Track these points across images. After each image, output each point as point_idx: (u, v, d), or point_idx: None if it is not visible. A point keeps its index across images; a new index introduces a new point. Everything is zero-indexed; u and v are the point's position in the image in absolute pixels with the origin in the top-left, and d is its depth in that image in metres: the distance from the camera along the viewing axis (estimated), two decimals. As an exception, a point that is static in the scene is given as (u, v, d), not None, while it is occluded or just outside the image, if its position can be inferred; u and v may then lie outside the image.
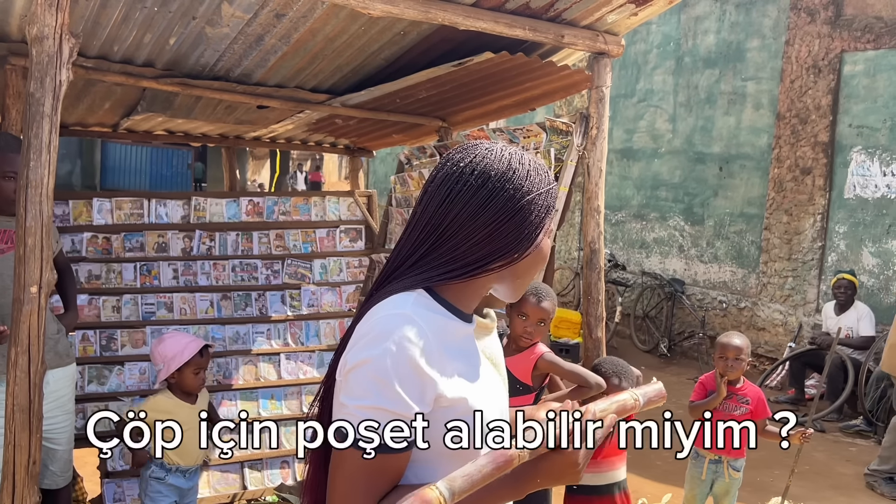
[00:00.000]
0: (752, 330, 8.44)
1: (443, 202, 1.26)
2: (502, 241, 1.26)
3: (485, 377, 1.32)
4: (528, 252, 1.29)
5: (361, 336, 1.19)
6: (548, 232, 1.33)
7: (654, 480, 4.96)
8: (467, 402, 1.23)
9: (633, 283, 9.82)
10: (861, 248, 7.51)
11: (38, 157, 2.32)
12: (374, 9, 2.84)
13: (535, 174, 1.30)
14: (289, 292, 4.73)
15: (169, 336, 3.48)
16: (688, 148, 9.35)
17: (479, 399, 1.26)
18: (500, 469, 1.11)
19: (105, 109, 4.67)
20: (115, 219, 4.45)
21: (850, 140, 7.62)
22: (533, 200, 1.28)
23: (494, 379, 1.37)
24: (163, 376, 3.34)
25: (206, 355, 3.42)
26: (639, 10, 3.37)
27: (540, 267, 1.35)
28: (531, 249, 1.29)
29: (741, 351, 3.75)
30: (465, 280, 1.27)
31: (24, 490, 2.37)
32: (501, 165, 1.28)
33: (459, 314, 1.29)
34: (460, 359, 1.26)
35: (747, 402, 3.76)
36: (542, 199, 1.30)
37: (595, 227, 3.70)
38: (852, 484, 5.36)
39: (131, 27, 3.34)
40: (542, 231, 1.30)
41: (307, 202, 5.08)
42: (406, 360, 1.14)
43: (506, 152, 1.30)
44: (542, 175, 1.31)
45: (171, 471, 3.32)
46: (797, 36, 8.05)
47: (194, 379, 3.35)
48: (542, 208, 1.29)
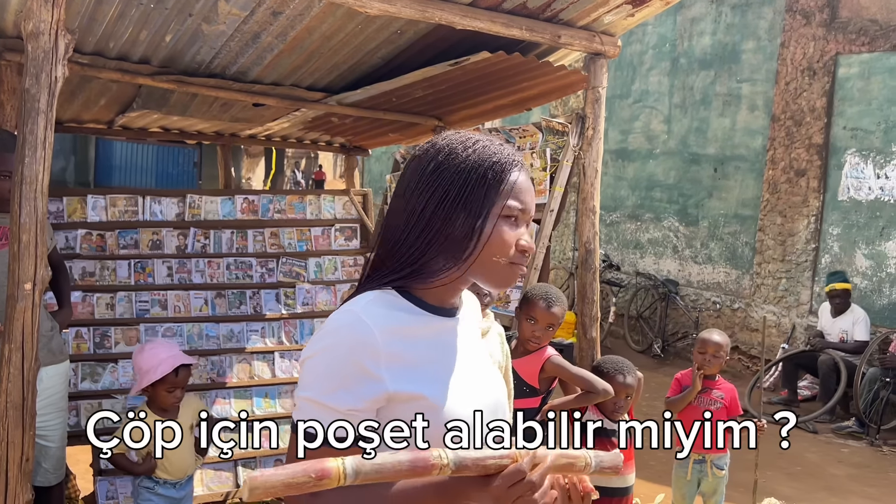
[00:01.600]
0: (745, 331, 8.46)
1: (392, 202, 1.33)
2: (443, 237, 1.26)
3: (462, 373, 1.30)
4: (475, 243, 1.25)
5: (315, 333, 1.26)
6: (502, 218, 1.26)
7: (648, 481, 4.97)
8: (427, 399, 1.22)
9: (627, 283, 9.84)
10: (854, 251, 7.54)
11: (33, 153, 2.31)
12: (371, 7, 2.84)
13: (466, 162, 1.26)
14: (283, 291, 4.72)
15: (150, 346, 3.32)
16: (683, 149, 9.38)
17: (446, 395, 1.24)
18: (416, 472, 1.06)
19: (100, 106, 4.66)
20: (110, 216, 4.44)
21: (845, 142, 7.64)
22: (455, 169, 1.26)
23: (478, 375, 1.34)
24: (134, 390, 3.22)
25: (184, 374, 3.23)
26: (635, 11, 3.38)
27: (504, 254, 1.26)
28: (476, 243, 1.25)
29: (720, 348, 3.82)
30: (429, 282, 1.29)
31: (18, 487, 2.36)
32: (439, 145, 1.30)
33: (433, 309, 1.30)
34: (426, 355, 1.26)
35: (722, 398, 3.81)
36: (462, 176, 1.26)
37: (590, 228, 3.71)
38: (844, 485, 5.38)
39: (127, 24, 3.33)
40: (485, 219, 1.25)
41: (302, 200, 5.07)
42: (341, 357, 1.18)
43: (442, 142, 1.30)
44: (471, 162, 1.26)
45: (160, 483, 3.24)
46: (792, 38, 8.08)
47: (167, 397, 3.19)
48: (466, 185, 1.25)
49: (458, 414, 1.24)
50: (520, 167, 1.30)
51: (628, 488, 3.36)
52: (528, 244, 1.29)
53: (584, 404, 3.32)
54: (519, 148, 4.62)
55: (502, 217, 1.27)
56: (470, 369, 1.33)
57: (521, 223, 1.30)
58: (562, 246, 11.02)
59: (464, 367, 1.31)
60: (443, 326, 1.31)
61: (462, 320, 1.37)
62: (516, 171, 1.29)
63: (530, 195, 1.31)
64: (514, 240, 1.28)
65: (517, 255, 1.28)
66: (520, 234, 1.29)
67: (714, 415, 3.78)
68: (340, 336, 1.20)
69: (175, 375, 3.18)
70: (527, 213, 1.31)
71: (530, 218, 1.33)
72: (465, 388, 1.29)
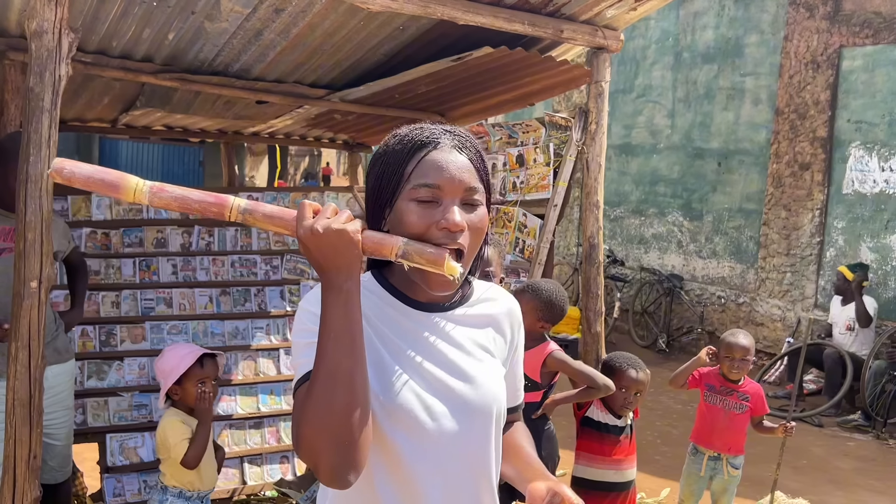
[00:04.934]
0: (750, 325, 8.45)
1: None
2: (368, 212, 1.35)
3: (413, 367, 1.29)
4: (385, 230, 1.29)
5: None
6: (409, 200, 1.25)
7: (653, 475, 4.98)
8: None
9: (631, 278, 9.83)
10: (859, 244, 7.52)
11: (38, 152, 2.32)
12: (373, 3, 2.84)
13: (384, 156, 1.33)
14: (288, 287, 4.73)
15: (168, 349, 3.20)
16: (686, 143, 9.36)
17: (390, 382, 1.26)
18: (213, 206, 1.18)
19: (104, 104, 4.66)
20: (114, 214, 4.45)
21: (849, 135, 7.62)
22: (376, 167, 1.33)
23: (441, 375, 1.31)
24: (162, 392, 3.06)
25: (210, 365, 3.08)
26: (638, 5, 3.37)
27: (403, 234, 1.24)
28: (381, 215, 1.30)
29: (748, 351, 3.70)
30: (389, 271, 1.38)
31: (25, 484, 2.37)
32: (373, 157, 1.38)
33: (403, 297, 1.34)
34: (384, 342, 1.30)
35: (747, 399, 3.75)
36: (383, 164, 1.32)
37: (594, 223, 3.70)
38: (850, 478, 5.37)
39: (130, 22, 3.33)
40: (391, 206, 1.28)
41: (306, 197, 5.08)
42: (307, 315, 1.28)
43: (382, 142, 1.37)
44: (386, 154, 1.32)
45: (191, 499, 3.06)
46: (796, 31, 8.05)
47: (197, 392, 3.02)
48: (382, 174, 1.31)
49: (398, 402, 1.25)
50: (432, 145, 1.28)
51: (629, 483, 3.35)
52: (447, 223, 1.23)
53: (584, 399, 3.32)
54: (522, 143, 4.62)
55: (410, 200, 1.25)
56: (434, 366, 1.30)
57: (443, 202, 1.25)
58: (566, 241, 11.01)
59: (426, 364, 1.30)
60: (406, 314, 1.33)
61: (453, 316, 1.36)
62: (425, 150, 1.28)
63: (447, 171, 1.25)
64: (426, 220, 1.24)
65: (438, 236, 1.23)
66: (436, 216, 1.24)
67: (739, 417, 3.75)
68: (308, 300, 1.32)
69: (201, 367, 3.04)
70: (444, 189, 1.24)
71: (458, 194, 1.26)
72: (420, 382, 1.28)
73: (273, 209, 1.20)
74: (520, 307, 1.50)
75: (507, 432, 1.52)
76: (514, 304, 1.48)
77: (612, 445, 3.30)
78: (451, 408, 1.29)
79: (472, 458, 1.33)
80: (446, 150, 1.28)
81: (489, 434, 1.35)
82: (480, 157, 1.33)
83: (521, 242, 4.38)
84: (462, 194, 1.26)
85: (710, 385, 3.81)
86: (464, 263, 1.26)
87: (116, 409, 3.97)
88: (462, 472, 1.31)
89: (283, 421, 4.36)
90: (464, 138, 1.32)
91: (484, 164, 1.33)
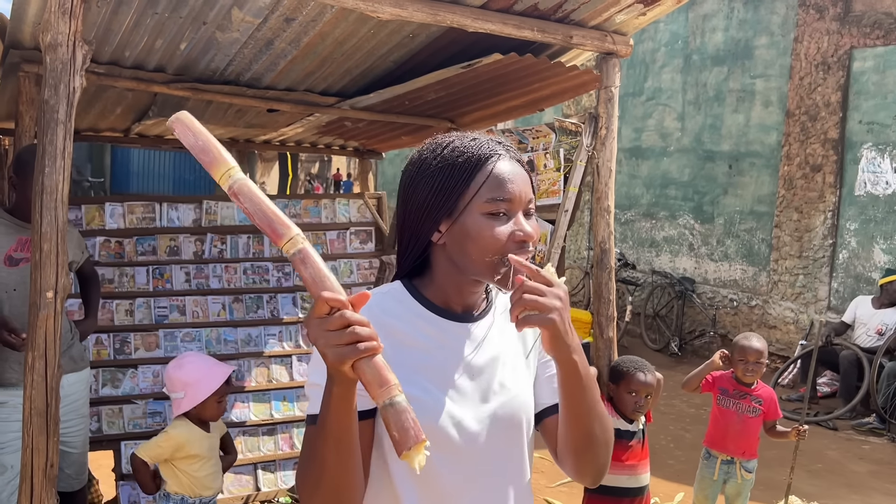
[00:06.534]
0: (763, 328, 8.41)
1: (396, 208, 1.41)
2: (411, 224, 1.31)
3: (451, 381, 1.27)
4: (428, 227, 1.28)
5: None
6: (482, 215, 1.24)
7: (667, 480, 4.96)
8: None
9: (643, 282, 9.80)
10: (872, 245, 7.47)
11: (53, 163, 2.34)
12: (382, 12, 2.85)
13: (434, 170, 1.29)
14: (300, 294, 4.75)
15: (188, 359, 3.16)
16: (697, 146, 9.33)
17: (419, 397, 1.22)
18: (273, 229, 1.09)
19: (116, 114, 4.71)
20: (128, 223, 4.48)
21: (861, 137, 7.58)
22: (430, 179, 1.29)
23: (477, 387, 1.30)
24: (186, 406, 3.02)
25: (231, 382, 3.18)
26: (647, 10, 3.37)
27: (494, 251, 1.23)
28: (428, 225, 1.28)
29: (761, 354, 3.70)
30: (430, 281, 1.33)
31: (43, 492, 2.39)
32: (415, 157, 1.34)
33: (437, 310, 1.31)
34: (414, 354, 1.27)
35: (760, 403, 3.74)
36: (442, 177, 1.27)
37: (605, 227, 3.70)
38: (866, 482, 5.33)
39: (143, 33, 3.36)
40: (461, 219, 1.25)
41: (317, 205, 5.10)
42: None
43: (417, 155, 1.34)
44: (439, 169, 1.28)
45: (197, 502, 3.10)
46: (806, 33, 8.03)
47: (217, 408, 3.09)
48: (441, 187, 1.27)
49: (428, 420, 1.22)
50: (496, 158, 1.27)
51: (643, 488, 3.34)
52: (524, 234, 1.24)
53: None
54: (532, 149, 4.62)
55: (482, 214, 1.25)
56: (466, 378, 1.29)
57: (512, 214, 1.26)
58: (577, 245, 11.00)
59: (457, 375, 1.28)
60: (446, 329, 1.31)
61: (483, 326, 1.35)
62: (491, 163, 1.27)
63: (515, 184, 1.26)
64: (504, 234, 1.24)
65: (513, 248, 1.24)
66: (510, 228, 1.24)
67: (753, 420, 3.74)
68: None
69: (227, 384, 3.13)
70: (514, 202, 1.25)
71: (523, 206, 1.27)
72: (451, 395, 1.27)
73: (315, 273, 1.07)
74: None
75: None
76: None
77: (625, 450, 3.29)
78: (482, 421, 1.28)
79: (502, 469, 1.32)
80: (508, 163, 1.28)
81: (521, 444, 1.34)
82: (526, 168, 1.34)
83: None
84: (525, 206, 1.28)
85: (724, 388, 3.80)
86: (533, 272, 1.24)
87: (131, 417, 4.00)
88: (493, 484, 1.30)
89: (295, 427, 4.37)
90: (513, 150, 1.32)
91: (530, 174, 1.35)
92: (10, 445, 2.89)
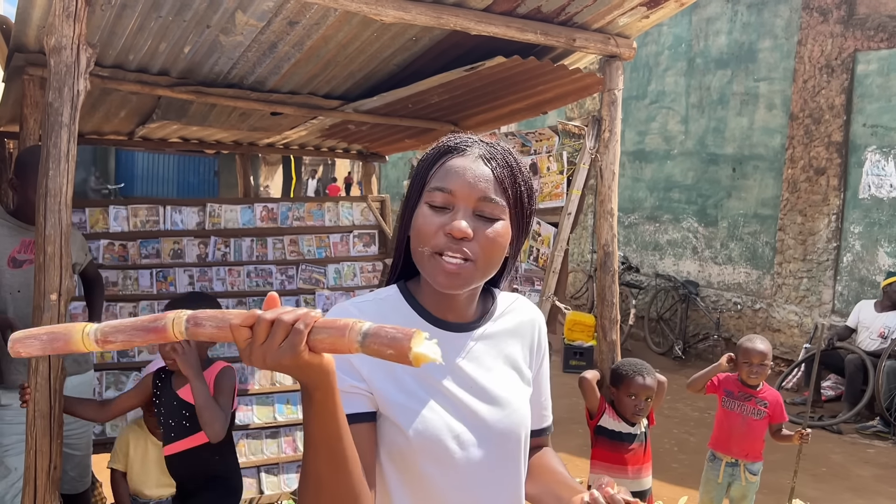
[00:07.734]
0: (767, 331, 8.39)
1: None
2: (399, 221, 1.32)
3: (443, 391, 1.25)
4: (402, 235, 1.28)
5: None
6: (424, 205, 1.23)
7: (671, 483, 4.95)
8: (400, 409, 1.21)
9: (646, 285, 9.79)
10: (877, 249, 7.46)
11: (57, 166, 2.35)
12: (386, 15, 2.86)
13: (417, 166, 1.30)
14: (303, 297, 4.75)
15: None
16: (700, 149, 9.33)
17: (417, 410, 1.21)
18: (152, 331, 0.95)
19: (120, 118, 4.71)
20: (132, 226, 4.49)
21: (865, 140, 7.57)
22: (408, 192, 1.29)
23: (467, 399, 1.27)
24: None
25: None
26: (650, 13, 3.37)
27: (423, 242, 1.21)
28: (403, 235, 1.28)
29: (765, 356, 3.71)
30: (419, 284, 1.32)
31: (46, 495, 2.39)
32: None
33: (430, 318, 1.28)
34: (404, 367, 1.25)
35: (765, 406, 3.74)
36: (414, 169, 1.30)
37: (608, 230, 3.70)
38: (870, 486, 5.32)
39: (146, 36, 3.37)
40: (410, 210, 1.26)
41: (321, 208, 5.11)
42: None
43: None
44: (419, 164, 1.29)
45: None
46: (809, 36, 8.02)
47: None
48: (412, 178, 1.29)
49: (427, 433, 1.21)
50: (457, 152, 1.25)
51: (646, 491, 3.34)
52: (451, 228, 1.17)
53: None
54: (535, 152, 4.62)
55: (425, 204, 1.22)
56: (463, 391, 1.27)
57: (455, 209, 1.20)
58: (580, 248, 10.99)
59: (453, 387, 1.26)
60: (440, 339, 1.26)
61: (478, 335, 1.32)
62: (448, 156, 1.25)
63: (463, 177, 1.20)
64: (434, 225, 1.19)
65: (443, 243, 1.19)
66: (443, 220, 1.20)
67: (757, 423, 3.74)
68: None
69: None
70: (457, 195, 1.20)
71: (471, 203, 1.21)
72: (447, 408, 1.25)
73: (212, 319, 0.94)
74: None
75: (537, 455, 1.46)
76: (538, 314, 1.44)
77: (626, 453, 3.29)
78: (480, 434, 1.26)
79: (500, 483, 1.30)
80: (470, 158, 1.23)
81: (518, 458, 1.32)
82: (511, 173, 1.25)
83: (535, 251, 4.38)
84: (475, 203, 1.20)
85: (729, 391, 3.80)
86: (470, 274, 1.20)
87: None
88: (490, 498, 1.29)
89: (299, 430, 4.37)
90: (495, 151, 1.25)
91: (515, 181, 1.25)
92: (14, 448, 2.90)
